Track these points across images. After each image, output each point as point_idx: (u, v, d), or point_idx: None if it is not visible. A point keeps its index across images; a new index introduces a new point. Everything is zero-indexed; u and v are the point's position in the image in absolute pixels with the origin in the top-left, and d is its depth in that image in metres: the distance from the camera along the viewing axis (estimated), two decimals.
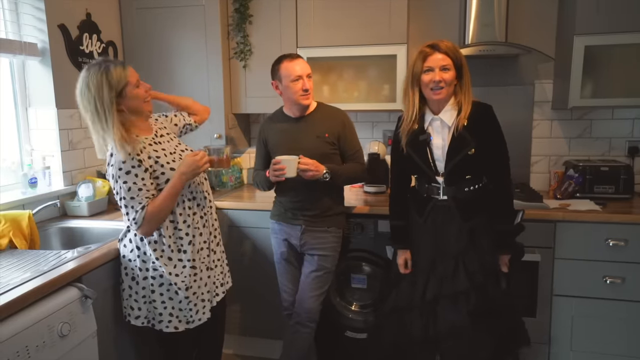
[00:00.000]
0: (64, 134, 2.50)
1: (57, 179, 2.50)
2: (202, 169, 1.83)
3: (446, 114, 1.97)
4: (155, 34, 2.91)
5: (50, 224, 2.34)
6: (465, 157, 1.93)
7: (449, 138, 1.96)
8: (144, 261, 1.84)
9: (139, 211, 1.73)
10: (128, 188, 1.73)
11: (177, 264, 1.84)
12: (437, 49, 1.92)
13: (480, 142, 1.92)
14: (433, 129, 2.00)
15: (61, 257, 1.81)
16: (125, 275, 1.89)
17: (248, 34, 2.87)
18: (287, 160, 2.12)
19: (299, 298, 2.30)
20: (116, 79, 1.71)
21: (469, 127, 1.92)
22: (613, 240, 2.32)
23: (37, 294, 1.52)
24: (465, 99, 1.94)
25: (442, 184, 2.00)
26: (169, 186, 1.78)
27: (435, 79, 1.89)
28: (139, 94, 1.80)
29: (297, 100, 2.21)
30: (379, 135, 3.16)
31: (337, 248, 2.33)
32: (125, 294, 1.89)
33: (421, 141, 2.00)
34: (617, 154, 2.86)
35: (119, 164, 1.73)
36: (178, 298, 1.85)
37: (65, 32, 2.49)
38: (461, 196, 1.99)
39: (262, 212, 2.65)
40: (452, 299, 1.98)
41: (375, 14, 2.70)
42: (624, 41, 2.46)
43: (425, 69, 1.92)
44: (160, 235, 1.82)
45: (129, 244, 1.87)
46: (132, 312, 1.88)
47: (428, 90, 1.93)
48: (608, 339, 2.41)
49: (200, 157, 1.82)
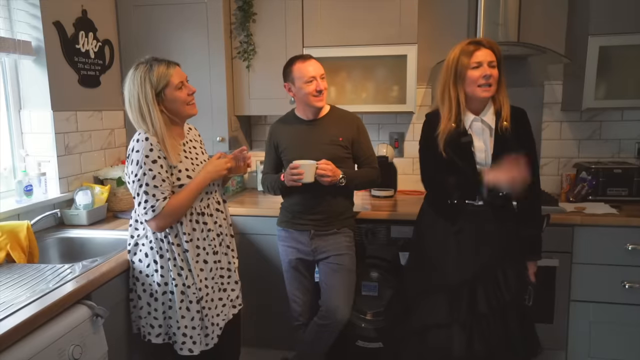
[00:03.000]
0: (60, 138, 2.35)
1: (53, 186, 2.35)
2: (224, 172, 1.83)
3: (487, 115, 1.89)
4: (154, 32, 2.77)
5: (47, 235, 2.19)
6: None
7: (492, 141, 1.88)
8: (162, 276, 1.73)
9: (160, 201, 1.65)
10: (153, 176, 1.65)
11: (188, 275, 1.74)
12: (482, 45, 1.85)
13: (521, 147, 1.84)
14: (473, 131, 1.90)
15: (66, 272, 1.68)
16: (143, 292, 1.77)
17: (252, 32, 2.76)
18: (306, 165, 2.03)
19: (327, 306, 2.18)
20: (157, 78, 1.67)
21: (510, 130, 1.85)
22: (632, 245, 2.28)
23: (46, 315, 1.39)
24: (505, 100, 1.87)
25: (485, 190, 1.86)
26: (193, 183, 1.73)
27: (486, 73, 1.80)
28: (178, 97, 1.73)
29: (311, 102, 2.13)
30: (385, 137, 3.08)
31: (352, 248, 2.24)
32: (144, 312, 1.77)
33: (464, 143, 1.89)
34: (627, 156, 2.84)
35: (146, 151, 1.65)
36: (190, 314, 1.75)
37: (60, 29, 2.34)
38: (498, 201, 1.90)
39: (268, 218, 2.55)
40: (501, 311, 1.87)
41: (385, 13, 2.62)
42: (639, 42, 2.43)
43: (473, 65, 1.82)
44: (170, 244, 1.73)
45: (144, 258, 1.75)
46: (153, 330, 1.77)
47: (474, 88, 1.83)
48: (626, 345, 2.37)
49: (226, 160, 1.82)
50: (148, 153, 1.65)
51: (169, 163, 1.70)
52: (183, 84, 1.75)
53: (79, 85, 2.49)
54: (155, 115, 1.68)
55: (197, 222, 1.78)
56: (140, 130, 1.71)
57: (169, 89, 1.71)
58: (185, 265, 1.74)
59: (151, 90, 1.67)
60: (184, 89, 1.75)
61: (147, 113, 1.67)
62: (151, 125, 1.68)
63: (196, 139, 1.94)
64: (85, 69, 2.51)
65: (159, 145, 1.68)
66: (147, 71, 1.68)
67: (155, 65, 1.69)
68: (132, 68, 1.72)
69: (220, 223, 1.87)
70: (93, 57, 2.58)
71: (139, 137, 1.69)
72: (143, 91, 1.67)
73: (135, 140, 1.70)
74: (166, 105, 1.72)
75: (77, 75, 2.46)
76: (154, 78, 1.67)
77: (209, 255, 1.81)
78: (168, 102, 1.72)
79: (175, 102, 1.73)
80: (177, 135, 1.82)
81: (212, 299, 1.81)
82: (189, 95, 1.77)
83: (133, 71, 1.71)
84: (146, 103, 1.67)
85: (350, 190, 2.29)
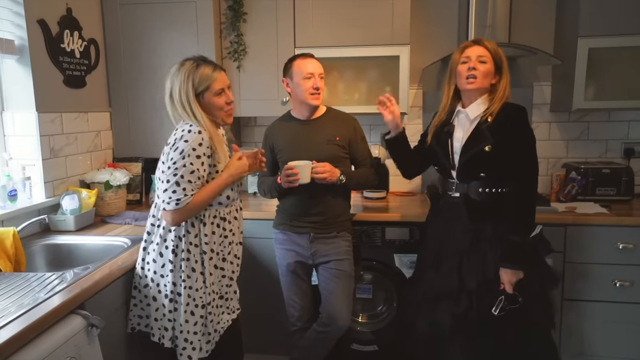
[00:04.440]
0: (45, 141, 2.26)
1: (38, 191, 2.26)
2: (246, 174, 1.80)
3: (472, 107, 1.93)
4: (141, 32, 2.70)
5: (33, 241, 2.10)
6: (481, 153, 1.87)
7: (470, 132, 1.91)
8: (174, 276, 1.69)
9: (188, 196, 1.62)
10: (191, 171, 1.62)
11: (199, 278, 1.70)
12: (478, 43, 1.93)
13: (501, 142, 1.85)
14: (458, 121, 1.97)
15: (57, 281, 1.61)
16: (158, 293, 1.72)
17: (242, 32, 2.71)
18: (301, 166, 2.01)
19: (329, 313, 2.15)
20: (200, 79, 1.66)
21: (493, 124, 1.87)
22: (623, 243, 2.32)
23: (38, 328, 1.32)
24: (498, 99, 1.89)
25: (455, 180, 1.96)
26: (215, 184, 1.70)
27: (470, 65, 1.88)
28: (216, 103, 1.70)
29: (307, 99, 2.11)
30: (376, 138, 3.07)
31: (351, 252, 2.23)
32: (159, 313, 1.72)
33: (444, 132, 1.99)
34: (613, 156, 2.89)
35: (195, 144, 1.62)
36: (194, 319, 1.70)
37: (45, 28, 2.25)
38: (474, 196, 1.92)
39: (263, 221, 2.50)
40: (444, 298, 1.92)
41: (378, 13, 2.61)
42: (628, 44, 2.47)
43: (462, 60, 1.92)
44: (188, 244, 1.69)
45: (159, 257, 1.70)
46: (166, 333, 1.71)
47: (462, 80, 1.91)
48: (619, 343, 2.41)
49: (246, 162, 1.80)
50: (196, 147, 1.62)
51: (212, 162, 1.69)
52: (224, 90, 1.72)
53: (64, 86, 2.41)
54: (199, 112, 1.66)
55: (218, 226, 1.75)
56: (189, 121, 1.67)
57: (208, 93, 1.68)
58: (199, 267, 1.70)
59: (192, 89, 1.66)
60: (223, 96, 1.72)
61: (189, 109, 1.66)
62: (195, 118, 1.66)
63: (226, 141, 1.92)
64: (70, 69, 2.43)
65: (210, 142, 1.65)
66: (193, 69, 1.66)
67: (202, 65, 1.68)
68: (178, 64, 1.71)
69: (234, 231, 1.84)
70: (78, 57, 2.50)
71: (192, 129, 1.64)
72: (185, 88, 1.65)
73: (185, 130, 1.65)
74: (203, 108, 1.69)
75: (62, 75, 2.38)
76: (197, 78, 1.66)
77: (219, 261, 1.78)
78: (205, 105, 1.69)
79: (212, 107, 1.71)
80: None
81: (215, 305, 1.77)
82: (227, 103, 1.74)
83: (179, 67, 1.69)
84: (187, 100, 1.66)
85: (348, 191, 2.27)
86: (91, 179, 2.50)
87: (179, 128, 1.68)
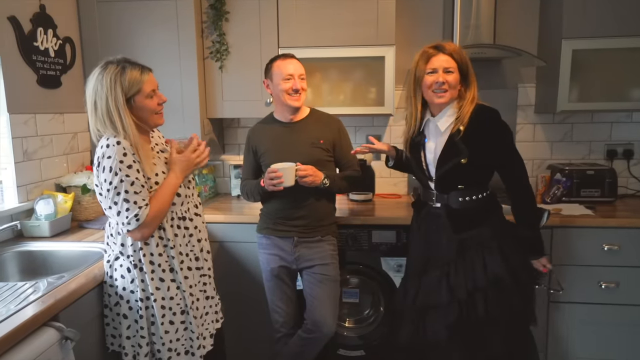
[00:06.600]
0: (17, 143, 2.17)
1: (10, 195, 2.16)
2: (194, 165, 1.72)
3: (442, 118, 1.89)
4: (119, 30, 2.61)
5: (5, 249, 2.00)
6: (457, 166, 1.84)
7: (442, 144, 1.87)
8: (143, 290, 1.61)
9: (143, 207, 1.54)
10: (131, 182, 1.54)
11: (171, 286, 1.63)
12: (442, 50, 1.86)
13: (477, 151, 1.82)
14: (428, 131, 1.94)
15: (29, 290, 1.52)
16: (129, 310, 1.64)
17: (224, 32, 2.64)
18: (285, 169, 1.95)
19: (314, 320, 2.10)
20: (129, 83, 1.54)
21: (466, 134, 1.83)
22: (608, 245, 2.32)
23: (9, 342, 1.25)
24: (467, 105, 1.84)
25: (434, 191, 1.93)
26: (167, 185, 1.63)
27: (439, 80, 1.82)
28: (148, 105, 1.61)
29: (286, 100, 2.07)
30: (361, 140, 3.03)
31: (336, 257, 2.18)
32: (131, 331, 1.64)
33: (416, 142, 1.96)
34: (596, 157, 2.90)
35: (119, 155, 1.52)
36: (174, 327, 1.64)
37: (16, 25, 2.16)
38: (455, 205, 1.90)
39: (247, 225, 2.44)
40: (434, 309, 1.90)
41: (363, 13, 2.57)
42: (611, 45, 2.47)
43: (428, 70, 1.84)
44: (150, 255, 1.61)
45: (127, 273, 1.62)
46: (141, 350, 1.64)
47: (430, 93, 1.86)
48: (605, 345, 2.41)
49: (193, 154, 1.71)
50: (122, 158, 1.53)
51: (141, 170, 1.59)
52: (154, 92, 1.64)
53: (38, 86, 2.31)
54: (127, 120, 1.55)
55: (179, 227, 1.68)
56: (106, 134, 1.57)
57: (139, 96, 1.59)
58: (167, 275, 1.63)
59: (122, 95, 1.55)
60: (155, 98, 1.64)
61: (117, 118, 1.54)
62: (122, 129, 1.55)
63: (160, 141, 1.82)
64: (44, 68, 2.33)
65: (132, 149, 1.56)
66: (119, 74, 1.55)
67: (128, 68, 1.57)
68: (100, 67, 1.58)
69: (200, 228, 1.77)
70: (53, 56, 2.40)
71: (109, 142, 1.55)
72: (113, 94, 1.54)
73: (104, 145, 1.56)
74: (134, 113, 1.60)
75: (35, 75, 2.29)
76: (126, 82, 1.55)
77: (191, 261, 1.71)
78: (136, 109, 1.60)
79: (144, 111, 1.61)
80: (145, 141, 1.69)
81: (197, 307, 1.71)
82: (159, 104, 1.66)
83: (101, 70, 1.57)
84: (116, 107, 1.54)
85: (333, 194, 2.23)
86: (67, 182, 2.40)
87: (98, 145, 1.59)
